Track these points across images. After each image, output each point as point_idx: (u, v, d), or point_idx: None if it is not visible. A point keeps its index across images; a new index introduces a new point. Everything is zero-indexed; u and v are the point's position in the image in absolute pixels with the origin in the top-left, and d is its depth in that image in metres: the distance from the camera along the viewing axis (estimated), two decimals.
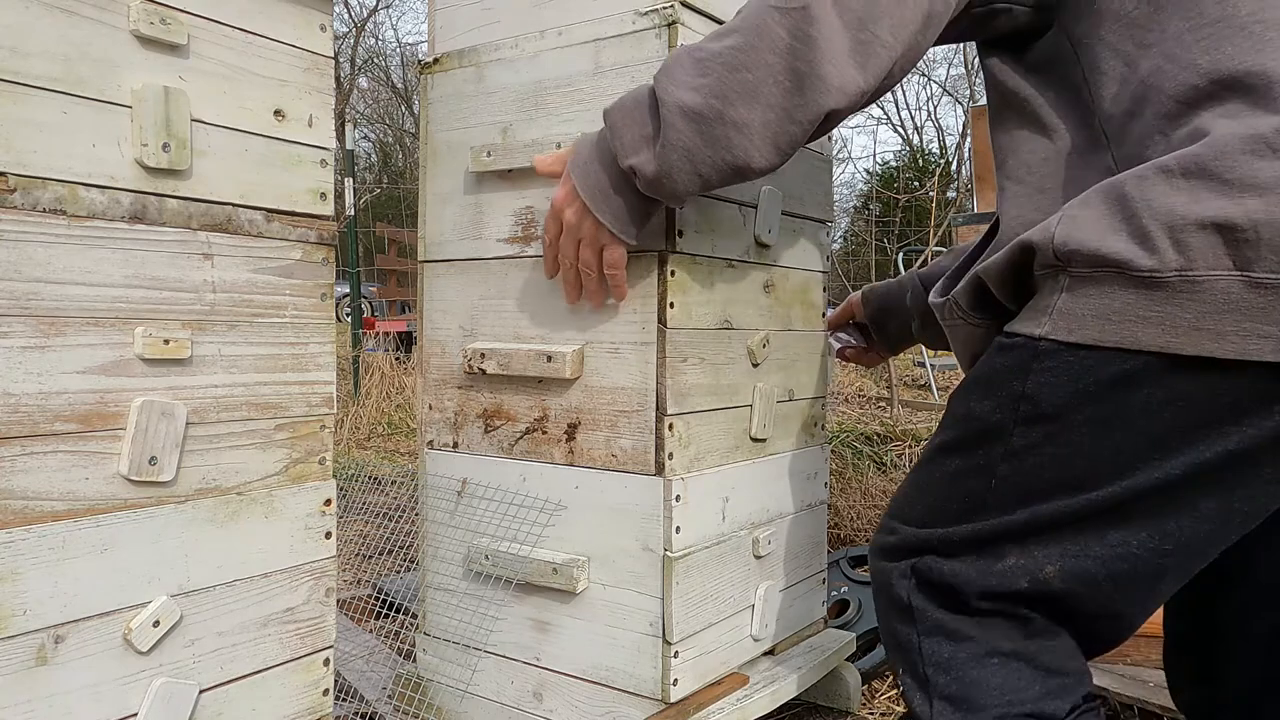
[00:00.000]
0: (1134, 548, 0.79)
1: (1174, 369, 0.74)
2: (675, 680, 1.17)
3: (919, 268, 1.59)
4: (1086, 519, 0.80)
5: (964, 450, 0.88)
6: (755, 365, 1.30)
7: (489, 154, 1.27)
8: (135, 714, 0.84)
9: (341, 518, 2.60)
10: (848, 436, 3.24)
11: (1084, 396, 0.78)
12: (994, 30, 0.98)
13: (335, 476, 1.01)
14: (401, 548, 2.34)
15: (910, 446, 3.12)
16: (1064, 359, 0.79)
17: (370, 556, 2.42)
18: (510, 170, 1.26)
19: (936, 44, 1.03)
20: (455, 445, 1.35)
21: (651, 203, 1.05)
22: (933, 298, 1.00)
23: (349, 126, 5.70)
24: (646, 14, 1.14)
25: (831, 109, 0.92)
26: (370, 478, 3.19)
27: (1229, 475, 0.76)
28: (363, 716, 1.44)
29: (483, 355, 1.28)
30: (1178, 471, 0.76)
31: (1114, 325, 0.76)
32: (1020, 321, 0.83)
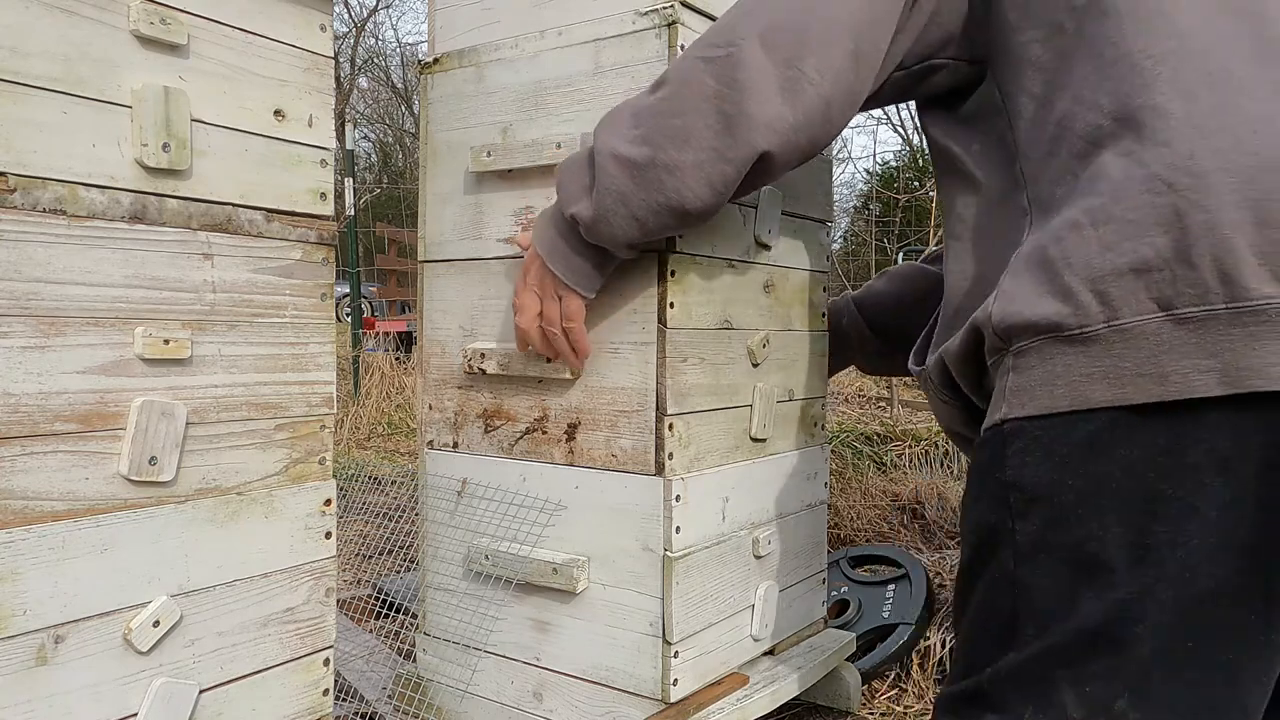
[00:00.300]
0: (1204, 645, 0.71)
1: (1140, 423, 0.71)
2: (675, 680, 1.17)
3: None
4: (1130, 619, 0.71)
5: (980, 566, 0.82)
6: (755, 365, 1.30)
7: (489, 154, 1.27)
8: (135, 714, 0.84)
9: (341, 518, 2.60)
10: (848, 436, 3.24)
11: (1064, 468, 0.74)
12: (934, 87, 1.00)
13: (335, 476, 1.01)
14: (401, 548, 2.34)
15: (910, 446, 3.12)
16: (1030, 434, 0.76)
17: (370, 556, 2.42)
18: (510, 170, 1.26)
19: (878, 104, 1.04)
20: (455, 445, 1.35)
21: (602, 253, 1.07)
22: (911, 364, 1.00)
23: (349, 126, 5.70)
24: (646, 14, 1.14)
25: (764, 148, 0.94)
26: (370, 478, 3.19)
27: (1234, 520, 0.70)
28: (363, 716, 1.44)
29: (483, 355, 1.28)
30: (1193, 538, 0.70)
31: (1063, 389, 0.75)
32: (988, 416, 0.82)
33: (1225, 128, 0.71)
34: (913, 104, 1.07)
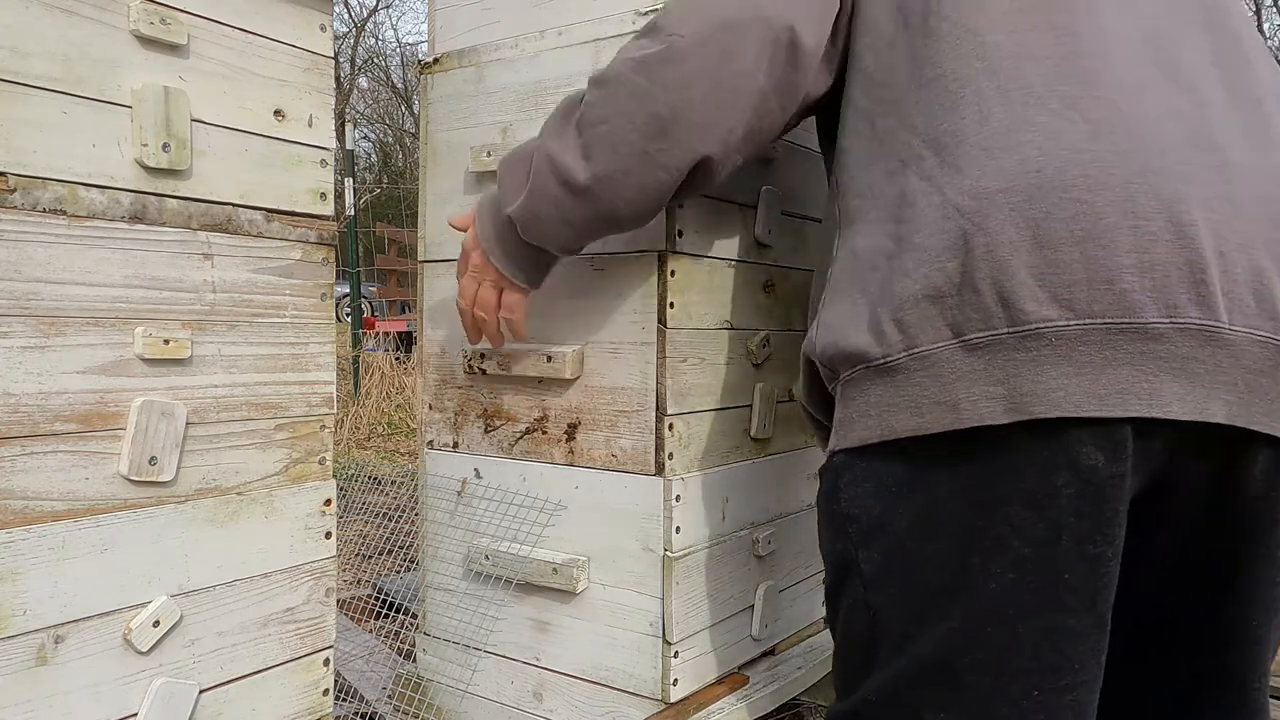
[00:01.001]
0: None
1: (951, 454, 0.69)
2: (675, 680, 1.17)
3: None
4: (961, 650, 0.71)
5: (838, 591, 0.83)
6: (755, 365, 1.30)
7: (489, 154, 1.27)
8: (135, 714, 0.84)
9: (341, 518, 2.60)
10: None
11: (893, 499, 0.74)
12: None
13: (335, 476, 1.01)
14: (401, 548, 2.34)
15: None
16: (857, 468, 0.76)
17: (370, 556, 2.42)
18: None
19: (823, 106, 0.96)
20: (455, 445, 1.35)
21: (541, 251, 1.03)
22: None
23: (349, 126, 5.70)
24: (646, 14, 1.14)
25: (704, 153, 0.88)
26: (370, 478, 3.19)
27: (1053, 556, 0.67)
28: (363, 716, 1.44)
29: (483, 355, 1.28)
30: (1009, 571, 0.68)
31: (874, 419, 0.74)
32: (829, 445, 0.82)
33: (1011, 147, 0.69)
34: None
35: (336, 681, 1.34)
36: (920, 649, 0.73)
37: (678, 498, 1.16)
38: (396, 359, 5.63)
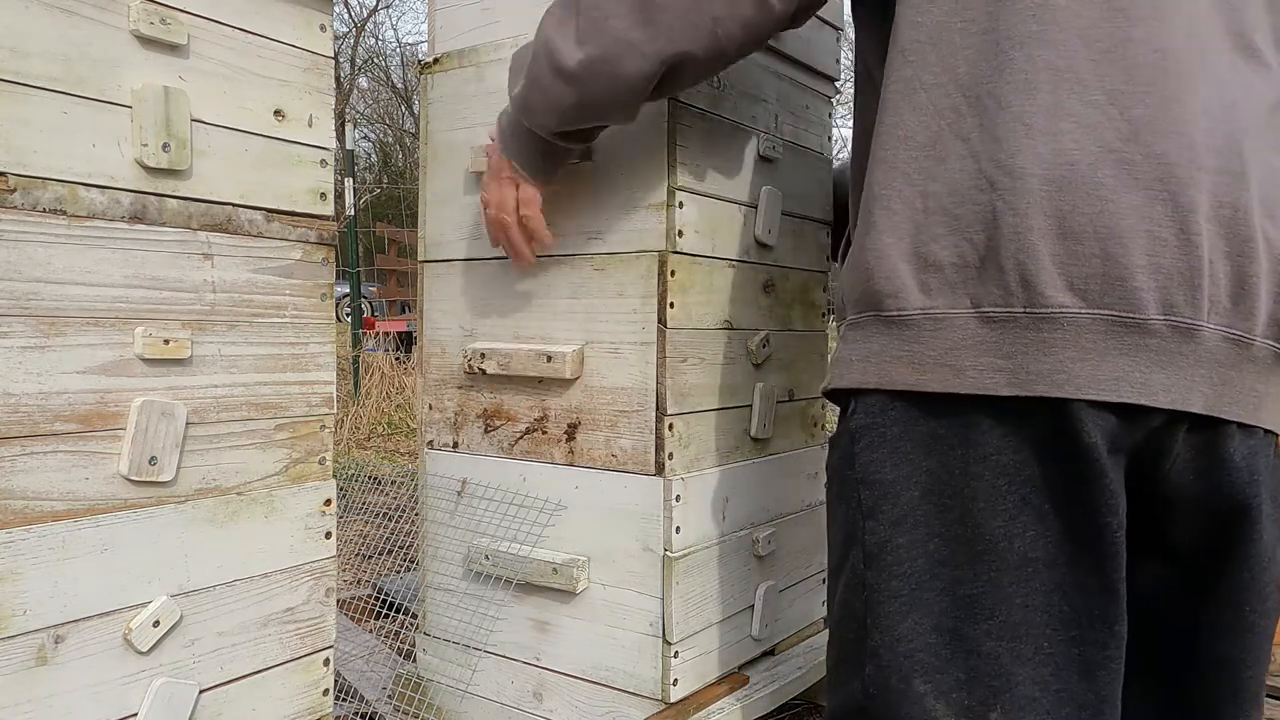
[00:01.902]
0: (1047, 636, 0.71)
1: (964, 424, 0.72)
2: (675, 680, 1.17)
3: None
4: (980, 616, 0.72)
5: (837, 575, 0.83)
6: (755, 365, 1.30)
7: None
8: (135, 714, 0.84)
9: (341, 518, 2.60)
10: None
11: (906, 467, 0.75)
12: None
13: (335, 476, 1.01)
14: (401, 548, 2.34)
15: None
16: (873, 433, 0.77)
17: (370, 556, 2.42)
18: None
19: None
20: (455, 445, 1.35)
21: (545, 140, 1.06)
22: None
23: (349, 126, 5.70)
24: None
25: (685, 48, 0.88)
26: (370, 478, 3.20)
27: (1041, 529, 0.71)
28: (363, 716, 1.44)
29: (483, 355, 1.28)
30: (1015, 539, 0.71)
31: (874, 367, 0.77)
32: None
33: (1051, 132, 0.71)
34: None
35: (336, 681, 1.34)
36: (923, 623, 0.73)
37: (678, 498, 1.16)
38: (396, 359, 5.63)
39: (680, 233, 1.15)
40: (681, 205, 1.15)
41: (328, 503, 0.99)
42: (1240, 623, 0.75)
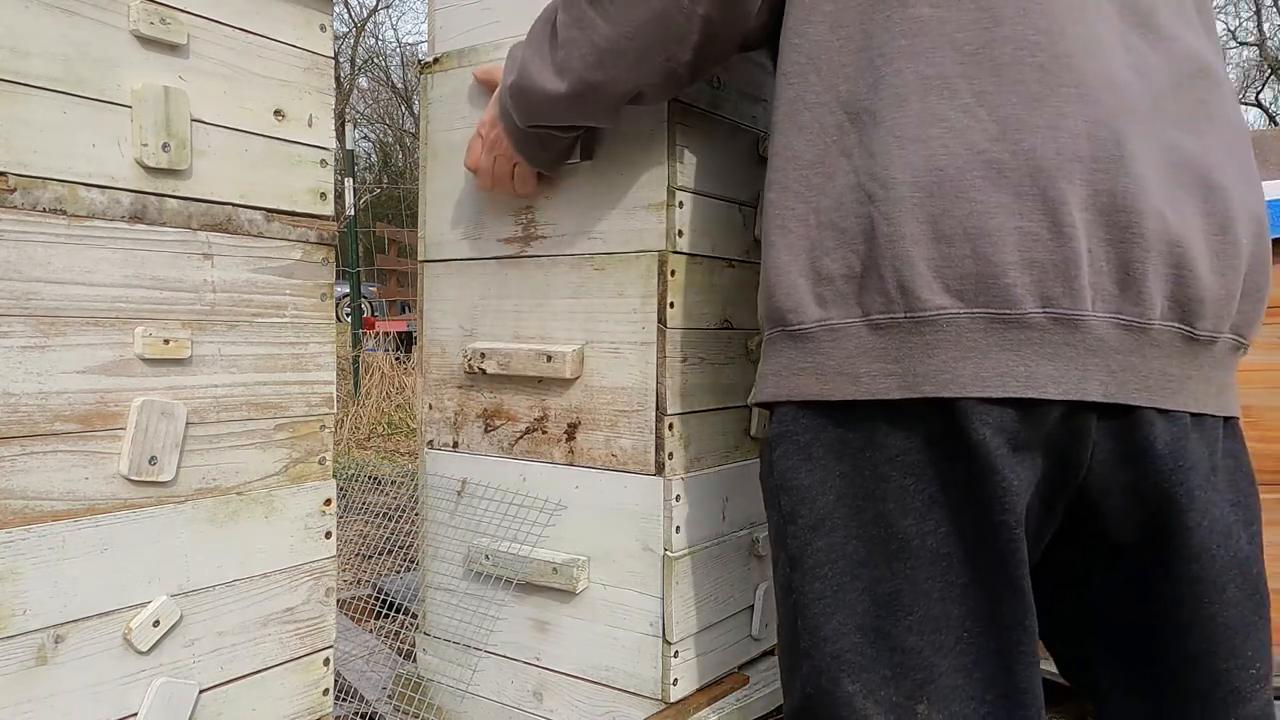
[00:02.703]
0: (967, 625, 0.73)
1: (869, 428, 0.74)
2: (675, 680, 1.17)
3: None
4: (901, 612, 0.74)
5: (774, 573, 0.85)
6: (755, 364, 1.30)
7: None
8: (135, 714, 0.84)
9: (341, 518, 2.60)
10: None
11: (820, 472, 0.77)
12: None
13: (335, 476, 1.01)
14: (401, 548, 2.34)
15: None
16: (787, 441, 0.79)
17: (370, 556, 2.42)
18: None
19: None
20: (455, 445, 1.35)
21: (546, 136, 1.08)
22: None
23: (349, 126, 5.70)
24: None
25: (637, 86, 0.93)
26: (370, 478, 3.20)
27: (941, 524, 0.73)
28: (363, 716, 1.44)
29: (483, 355, 1.28)
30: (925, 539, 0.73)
31: (784, 380, 0.79)
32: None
33: (920, 140, 0.72)
34: None
35: (336, 681, 1.35)
36: (846, 624, 0.75)
37: (677, 497, 1.16)
38: (396, 359, 5.64)
39: (680, 232, 1.15)
40: (681, 205, 1.15)
41: (328, 503, 0.99)
42: (1200, 616, 0.74)
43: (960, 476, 0.72)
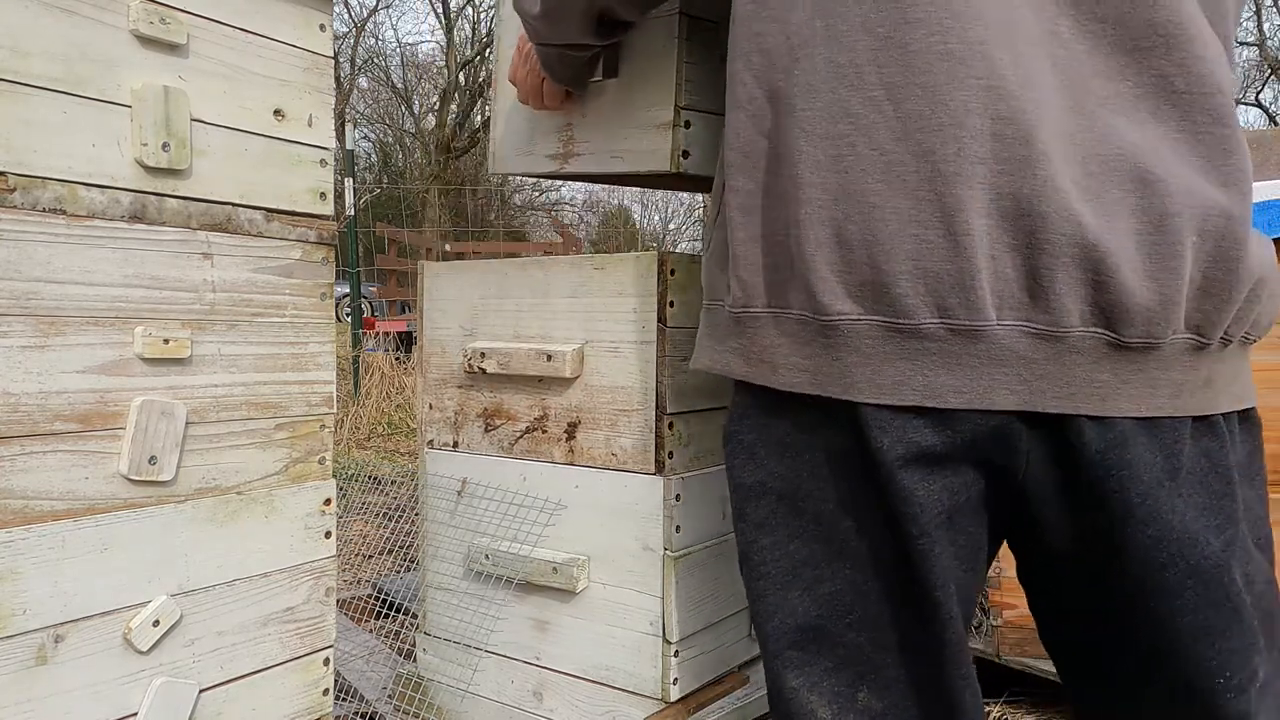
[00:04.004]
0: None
1: (797, 423, 0.74)
2: (675, 679, 1.17)
3: None
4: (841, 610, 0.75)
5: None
6: None
7: None
8: (135, 714, 0.84)
9: (341, 518, 2.60)
10: None
11: (762, 467, 0.77)
12: None
13: (335, 476, 1.01)
14: (401, 548, 2.34)
15: None
16: (737, 438, 0.79)
17: (370, 556, 2.42)
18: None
19: None
20: (455, 445, 1.35)
21: (562, 53, 1.08)
22: None
23: (349, 126, 5.70)
24: None
25: (601, 3, 0.92)
26: (370, 478, 3.20)
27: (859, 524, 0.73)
28: (363, 716, 1.44)
29: (483, 355, 1.28)
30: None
31: (718, 353, 0.80)
32: None
33: (828, 136, 0.70)
34: None
35: (336, 681, 1.35)
36: (788, 622, 0.76)
37: (678, 497, 1.16)
38: (396, 359, 5.64)
39: (686, 153, 1.13)
40: (689, 125, 1.13)
41: (328, 502, 0.99)
42: (1151, 624, 0.71)
43: (870, 483, 0.71)
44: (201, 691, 0.88)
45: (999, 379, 0.68)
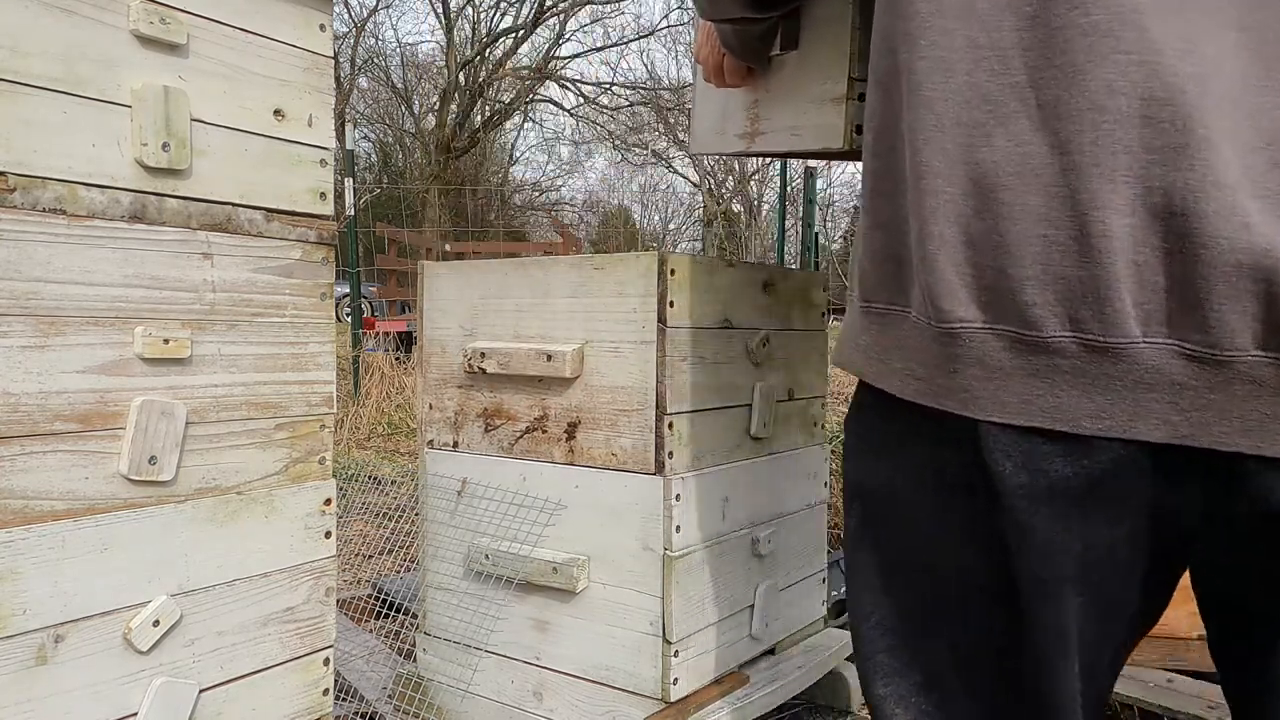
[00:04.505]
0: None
1: (910, 428, 0.68)
2: (675, 679, 1.17)
3: None
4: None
5: None
6: (755, 364, 1.30)
7: None
8: (135, 714, 0.84)
9: (341, 518, 2.60)
10: None
11: (872, 465, 0.73)
12: None
13: (335, 476, 1.01)
14: (401, 548, 2.34)
15: None
16: (853, 431, 0.75)
17: (370, 556, 2.42)
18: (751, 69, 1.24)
19: None
20: (455, 445, 1.35)
21: (736, 29, 1.05)
22: None
23: (349, 126, 5.70)
24: None
25: None
26: (370, 478, 3.20)
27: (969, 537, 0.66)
28: (363, 716, 1.44)
29: (483, 355, 1.28)
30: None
31: (850, 350, 0.74)
32: None
33: (962, 124, 0.62)
34: None
35: (336, 681, 1.34)
36: (877, 630, 0.73)
37: (678, 497, 1.16)
38: (396, 359, 5.63)
39: (859, 129, 1.09)
40: (863, 98, 1.12)
41: (328, 502, 0.99)
42: None
43: (983, 509, 0.64)
44: (201, 691, 0.88)
45: (1146, 406, 0.59)
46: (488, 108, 17.60)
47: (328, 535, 0.99)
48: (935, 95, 0.63)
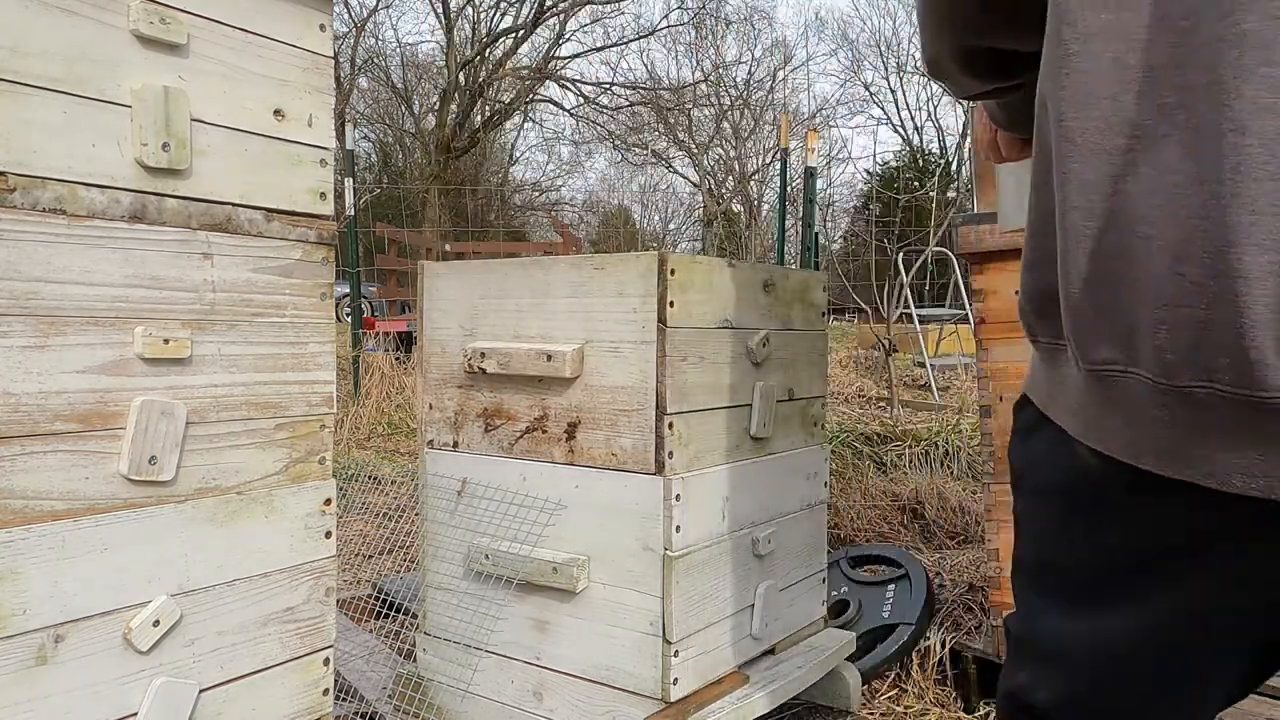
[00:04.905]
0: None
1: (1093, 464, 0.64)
2: (675, 679, 1.17)
3: (918, 265, 1.55)
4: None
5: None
6: (755, 364, 1.30)
7: None
8: (135, 714, 0.84)
9: (341, 518, 2.60)
10: (848, 436, 3.24)
11: (1039, 469, 0.70)
12: None
13: (335, 476, 1.01)
14: (401, 548, 2.34)
15: (910, 447, 3.12)
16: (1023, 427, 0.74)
17: (370, 556, 2.42)
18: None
19: None
20: (455, 445, 1.35)
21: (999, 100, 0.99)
22: None
23: (349, 126, 5.70)
24: None
25: (935, 51, 0.82)
26: (370, 478, 3.20)
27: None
28: (363, 716, 1.44)
29: (483, 355, 1.28)
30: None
31: (1030, 380, 0.72)
32: None
33: (1105, 150, 0.58)
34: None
35: (336, 681, 1.34)
36: (1034, 644, 0.71)
37: (678, 497, 1.16)
38: (396, 359, 5.64)
39: None
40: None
41: (328, 502, 0.99)
42: None
43: (1138, 562, 0.61)
44: (201, 691, 0.88)
45: None
46: (488, 108, 17.60)
47: (328, 535, 0.99)
48: (1074, 124, 0.59)
